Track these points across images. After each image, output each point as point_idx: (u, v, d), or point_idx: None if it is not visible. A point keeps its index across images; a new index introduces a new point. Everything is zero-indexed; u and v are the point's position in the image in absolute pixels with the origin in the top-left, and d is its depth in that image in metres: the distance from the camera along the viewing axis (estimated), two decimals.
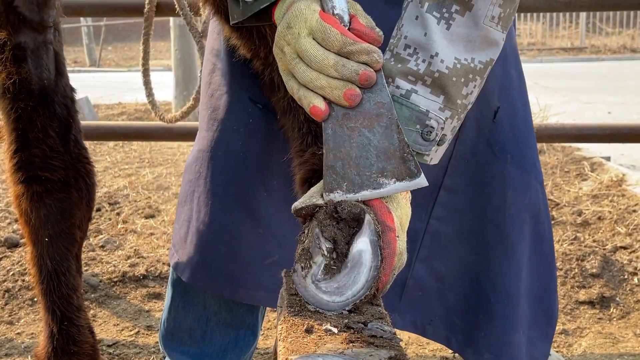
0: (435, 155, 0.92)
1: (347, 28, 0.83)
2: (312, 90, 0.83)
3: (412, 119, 0.88)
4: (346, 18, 0.84)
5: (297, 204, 0.86)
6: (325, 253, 0.85)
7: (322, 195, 0.87)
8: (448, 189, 1.21)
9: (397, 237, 0.85)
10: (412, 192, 0.93)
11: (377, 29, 0.84)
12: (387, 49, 0.92)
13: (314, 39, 0.82)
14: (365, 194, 0.85)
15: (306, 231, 0.86)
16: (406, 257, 0.88)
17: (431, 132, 0.89)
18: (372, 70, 0.82)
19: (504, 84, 1.21)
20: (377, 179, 0.85)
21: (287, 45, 0.84)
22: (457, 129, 0.94)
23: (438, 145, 0.91)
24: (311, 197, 0.87)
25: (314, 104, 0.83)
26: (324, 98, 0.83)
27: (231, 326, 1.36)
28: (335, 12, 0.84)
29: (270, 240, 1.21)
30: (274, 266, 1.22)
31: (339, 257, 0.85)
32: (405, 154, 0.85)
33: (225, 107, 1.21)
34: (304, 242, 0.85)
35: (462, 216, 1.23)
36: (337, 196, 0.85)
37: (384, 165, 0.85)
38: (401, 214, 0.87)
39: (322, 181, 0.88)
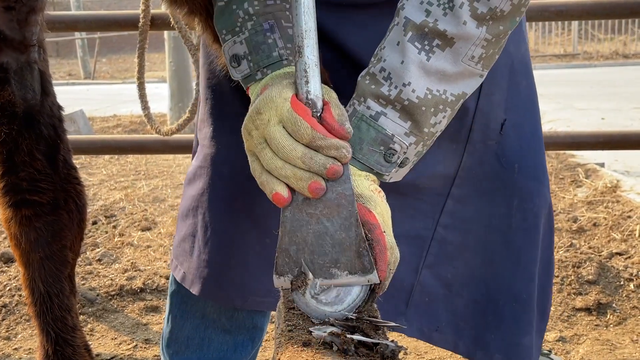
0: (395, 176, 0.94)
1: (318, 115, 0.83)
2: (275, 177, 0.84)
3: (377, 141, 0.90)
4: (319, 105, 0.83)
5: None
6: None
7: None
8: (455, 198, 1.22)
9: (384, 232, 0.86)
10: (420, 200, 0.94)
11: (347, 125, 0.84)
12: (367, 67, 0.93)
13: (284, 127, 0.83)
14: (316, 282, 0.84)
15: None
16: (398, 251, 0.89)
17: (393, 155, 0.91)
18: (339, 164, 0.83)
19: (511, 95, 1.22)
20: (330, 269, 0.84)
21: (255, 130, 0.85)
22: (423, 154, 0.96)
23: (400, 167, 0.93)
24: None
25: (277, 190, 0.84)
26: (287, 185, 0.84)
27: (229, 332, 1.36)
28: (310, 96, 0.83)
29: (275, 248, 1.23)
30: None
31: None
32: (361, 249, 0.84)
33: (229, 123, 1.22)
34: None
35: (469, 225, 1.24)
36: (286, 280, 0.85)
37: (339, 256, 0.84)
38: (382, 210, 0.88)
39: None
